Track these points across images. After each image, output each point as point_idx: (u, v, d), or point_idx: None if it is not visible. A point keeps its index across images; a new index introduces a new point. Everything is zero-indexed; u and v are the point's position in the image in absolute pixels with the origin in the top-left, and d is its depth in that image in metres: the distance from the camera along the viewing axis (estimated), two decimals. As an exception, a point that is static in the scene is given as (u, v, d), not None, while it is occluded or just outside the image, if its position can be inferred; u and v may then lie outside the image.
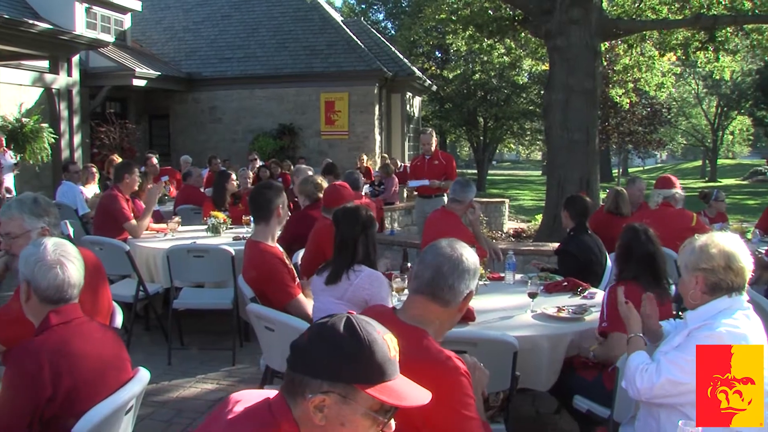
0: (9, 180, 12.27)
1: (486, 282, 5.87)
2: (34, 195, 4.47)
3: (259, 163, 17.04)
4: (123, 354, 3.33)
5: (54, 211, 4.37)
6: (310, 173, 8.99)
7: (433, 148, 11.01)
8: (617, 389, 3.86)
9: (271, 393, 2.14)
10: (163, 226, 8.85)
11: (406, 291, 5.01)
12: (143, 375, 3.33)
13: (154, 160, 14.04)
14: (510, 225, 19.74)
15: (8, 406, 2.93)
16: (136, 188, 8.62)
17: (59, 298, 3.13)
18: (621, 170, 61.52)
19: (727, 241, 3.38)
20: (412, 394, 2.06)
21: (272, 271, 5.37)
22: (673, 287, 4.74)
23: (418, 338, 2.92)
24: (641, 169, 67.41)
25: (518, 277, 6.16)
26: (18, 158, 13.20)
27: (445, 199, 10.37)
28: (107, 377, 3.13)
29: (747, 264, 3.36)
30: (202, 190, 11.57)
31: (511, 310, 5.14)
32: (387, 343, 2.05)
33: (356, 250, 4.87)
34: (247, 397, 2.16)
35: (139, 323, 8.18)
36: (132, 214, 8.27)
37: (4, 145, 12.76)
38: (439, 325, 3.04)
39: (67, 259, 3.18)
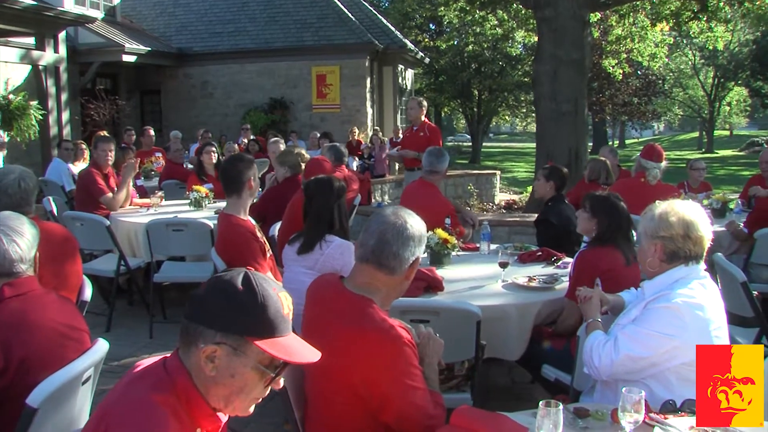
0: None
1: (459, 252, 5.88)
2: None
3: (251, 135, 17.03)
4: (81, 326, 3.33)
5: (16, 189, 4.37)
6: (282, 146, 9.03)
7: (420, 118, 10.89)
8: (577, 358, 3.87)
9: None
10: (147, 201, 8.87)
11: None
12: (101, 346, 3.32)
13: (151, 132, 14.04)
14: (502, 197, 19.79)
15: None
16: (110, 163, 8.58)
17: (12, 270, 3.13)
18: (618, 142, 61.57)
19: (687, 210, 3.36)
20: (302, 351, 2.09)
21: (242, 244, 5.38)
22: None
23: (363, 307, 2.93)
24: (637, 140, 67.33)
25: (493, 247, 6.17)
26: (7, 138, 13.12)
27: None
28: (64, 349, 3.13)
29: (706, 233, 3.34)
30: (186, 165, 11.58)
31: (482, 280, 5.16)
32: (281, 300, 2.08)
33: (331, 220, 4.92)
34: (148, 361, 2.20)
35: (122, 298, 8.21)
36: (107, 188, 8.27)
37: None
38: (385, 293, 3.04)
39: (16, 233, 3.18)
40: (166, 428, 1.95)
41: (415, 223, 3.04)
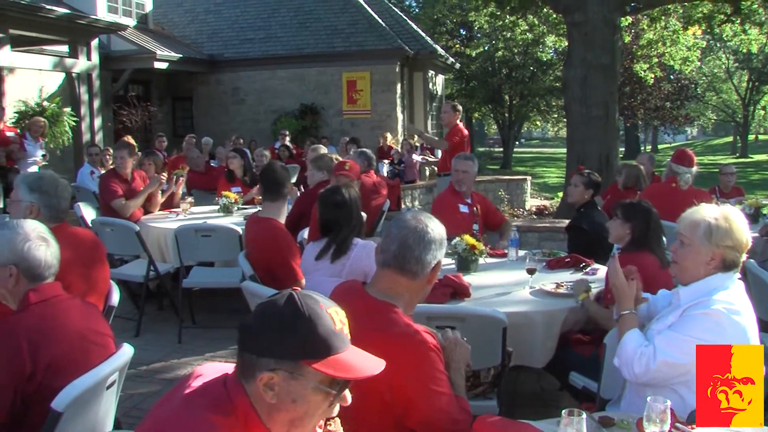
0: (33, 170, 12.33)
1: (486, 258, 5.84)
2: (46, 173, 4.58)
3: (287, 140, 17.08)
4: (106, 330, 3.35)
5: (57, 194, 4.39)
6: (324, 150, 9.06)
7: (453, 122, 10.80)
8: (604, 366, 3.83)
9: (232, 367, 2.13)
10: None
11: None
12: (125, 351, 3.34)
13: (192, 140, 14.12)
14: (533, 202, 19.72)
15: None
16: (128, 169, 8.61)
17: (46, 275, 3.16)
18: (651, 147, 61.12)
19: (741, 217, 3.35)
20: (362, 365, 2.04)
21: (285, 247, 5.40)
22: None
23: (387, 312, 2.92)
24: (670, 145, 66.79)
25: (521, 253, 6.12)
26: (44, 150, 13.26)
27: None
28: (88, 354, 3.15)
29: (749, 241, 3.34)
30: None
31: (509, 286, 5.12)
32: (331, 316, 2.03)
33: (340, 229, 4.91)
34: (208, 371, 2.15)
35: (152, 303, 8.26)
36: (119, 193, 8.32)
37: (37, 133, 12.82)
38: (408, 298, 3.04)
39: (48, 237, 3.22)
40: None
41: (435, 227, 3.04)
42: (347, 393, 2.06)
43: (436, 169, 18.35)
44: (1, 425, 2.96)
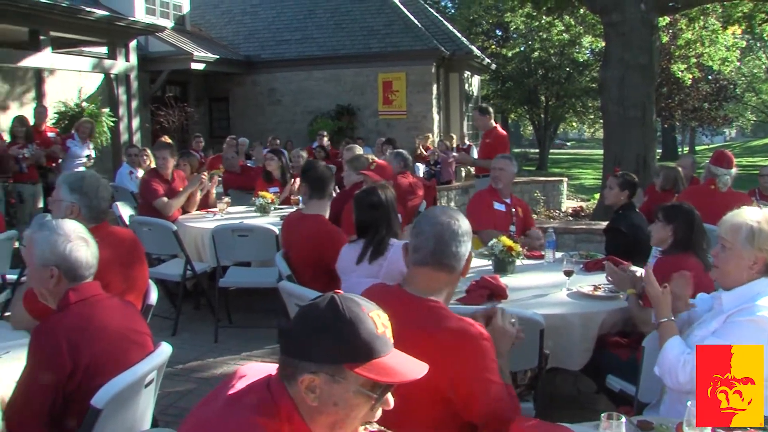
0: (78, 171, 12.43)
1: (523, 260, 5.81)
2: (88, 174, 4.62)
3: (326, 141, 17.12)
4: (144, 329, 3.38)
5: (97, 195, 4.42)
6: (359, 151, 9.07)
7: (487, 125, 10.75)
8: (642, 369, 3.80)
9: (275, 368, 2.13)
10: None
11: None
12: (164, 349, 3.38)
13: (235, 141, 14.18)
14: (569, 204, 19.60)
15: (32, 382, 3.01)
16: (169, 169, 8.67)
17: (87, 275, 3.20)
18: (688, 149, 60.54)
19: None
20: (405, 369, 2.02)
21: (339, 244, 5.38)
22: None
23: (435, 309, 2.93)
24: (708, 147, 66.10)
25: (558, 255, 6.08)
26: (94, 153, 13.40)
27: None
28: (127, 352, 3.19)
29: None
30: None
31: (546, 288, 5.10)
32: (373, 319, 2.01)
33: (377, 230, 4.91)
34: (252, 372, 2.15)
35: (189, 302, 8.31)
36: (161, 193, 8.38)
37: (85, 134, 12.95)
38: (447, 293, 3.06)
39: (88, 237, 3.25)
40: None
41: (462, 219, 3.08)
42: (390, 397, 2.05)
43: (472, 170, 18.34)
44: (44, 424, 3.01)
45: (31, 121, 12.87)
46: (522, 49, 37.26)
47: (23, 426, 3.04)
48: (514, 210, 7.08)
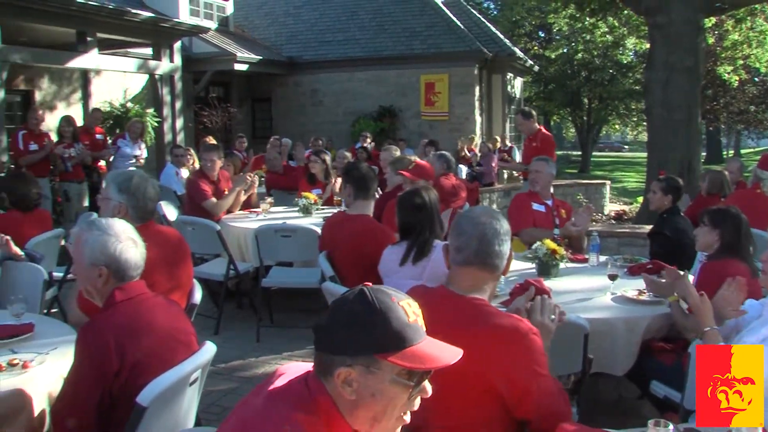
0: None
1: (567, 263, 5.77)
2: (137, 174, 4.67)
3: (369, 142, 17.14)
4: (188, 328, 3.41)
5: (144, 195, 4.46)
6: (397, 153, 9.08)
7: (531, 128, 10.69)
8: (688, 376, 3.75)
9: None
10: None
11: None
12: (209, 348, 3.40)
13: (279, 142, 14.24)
14: (612, 207, 19.45)
15: (79, 381, 3.05)
16: (215, 170, 8.72)
17: (134, 275, 3.23)
18: (734, 152, 59.75)
19: None
20: (438, 354, 2.02)
21: (386, 240, 5.38)
22: None
23: (482, 307, 2.96)
24: (754, 150, 65.17)
25: (602, 259, 6.03)
26: (146, 153, 13.55)
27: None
28: (173, 351, 3.22)
29: None
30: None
31: (590, 292, 5.05)
32: (404, 308, 2.02)
33: (421, 231, 4.90)
34: (291, 371, 2.17)
35: (231, 301, 8.36)
36: (210, 194, 8.42)
37: (136, 134, 13.10)
38: (490, 291, 3.09)
39: (136, 237, 3.28)
40: None
41: (501, 218, 3.12)
42: (427, 384, 2.05)
43: (515, 173, 18.29)
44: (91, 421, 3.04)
45: (79, 122, 13.03)
46: (565, 50, 37.05)
47: (67, 420, 3.07)
48: (555, 212, 7.02)
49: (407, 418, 2.08)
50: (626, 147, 72.61)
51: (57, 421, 3.12)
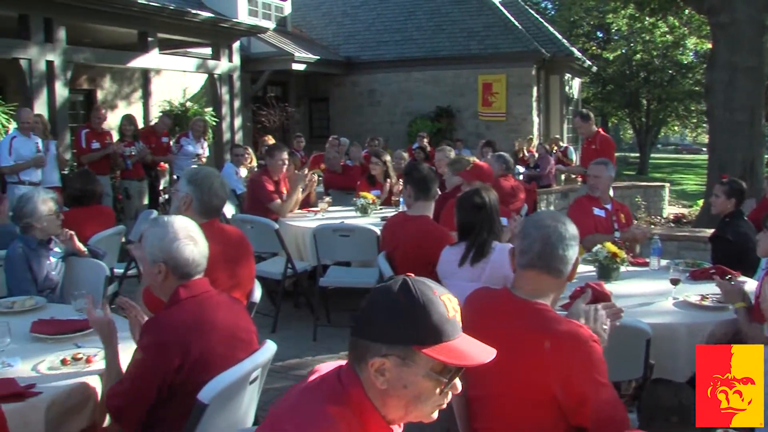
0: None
1: (628, 267, 5.70)
2: (207, 169, 4.78)
3: (426, 142, 17.12)
4: (249, 326, 3.43)
5: (210, 189, 4.49)
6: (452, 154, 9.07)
7: (590, 130, 10.61)
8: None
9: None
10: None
11: None
12: (269, 347, 3.43)
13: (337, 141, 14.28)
14: (671, 210, 19.20)
15: (139, 372, 3.09)
16: (282, 171, 8.77)
17: (194, 272, 3.25)
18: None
19: None
20: (474, 352, 2.01)
21: (444, 246, 5.38)
22: None
23: (543, 312, 2.93)
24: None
25: (663, 263, 5.95)
26: (208, 152, 13.70)
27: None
28: (234, 349, 3.24)
29: None
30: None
31: (652, 297, 4.98)
32: (445, 303, 2.01)
33: (480, 232, 4.87)
34: (325, 368, 2.19)
35: (288, 300, 8.40)
36: (275, 195, 8.47)
37: (199, 132, 13.25)
38: (554, 297, 3.05)
39: (196, 235, 3.30)
40: None
41: (569, 223, 3.08)
42: (458, 381, 2.04)
43: (573, 176, 18.12)
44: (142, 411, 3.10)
45: (139, 120, 13.20)
46: (623, 51, 36.68)
47: (121, 409, 3.15)
48: (615, 216, 6.94)
49: (442, 406, 2.07)
50: (704, 149, 71.47)
51: (110, 402, 3.19)
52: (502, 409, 3.00)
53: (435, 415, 2.07)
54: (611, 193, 7.22)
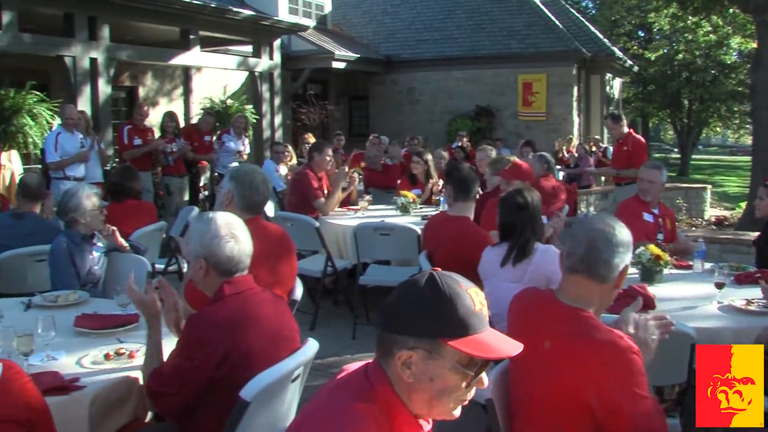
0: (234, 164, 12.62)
1: (671, 269, 5.63)
2: (249, 166, 4.83)
3: (466, 141, 17.09)
4: (292, 324, 3.44)
5: (251, 185, 4.52)
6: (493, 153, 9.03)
7: (621, 132, 10.58)
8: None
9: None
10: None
11: None
12: (311, 345, 3.43)
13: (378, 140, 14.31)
14: (712, 212, 19.01)
15: (180, 367, 3.11)
16: (328, 167, 8.81)
17: (234, 269, 3.26)
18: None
19: None
20: (500, 346, 2.01)
21: (483, 248, 5.35)
22: None
23: (585, 319, 2.89)
24: None
25: (708, 266, 5.87)
26: (249, 148, 13.77)
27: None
28: (277, 346, 3.25)
29: None
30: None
31: (695, 300, 4.89)
32: (471, 296, 2.01)
33: (522, 232, 4.84)
34: (354, 366, 2.21)
35: (328, 298, 8.42)
36: (321, 193, 8.49)
37: (240, 129, 13.32)
38: (598, 304, 3.00)
39: (239, 232, 3.31)
40: None
41: (622, 230, 3.00)
42: (484, 376, 2.05)
43: (603, 179, 17.94)
44: (184, 402, 3.13)
45: (180, 117, 13.29)
46: (665, 50, 36.34)
47: (159, 396, 3.19)
48: (661, 220, 6.85)
49: (465, 402, 2.08)
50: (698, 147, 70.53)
51: (150, 387, 3.22)
52: (539, 414, 2.99)
53: (457, 412, 2.08)
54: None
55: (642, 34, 40.70)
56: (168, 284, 3.50)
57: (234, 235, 3.28)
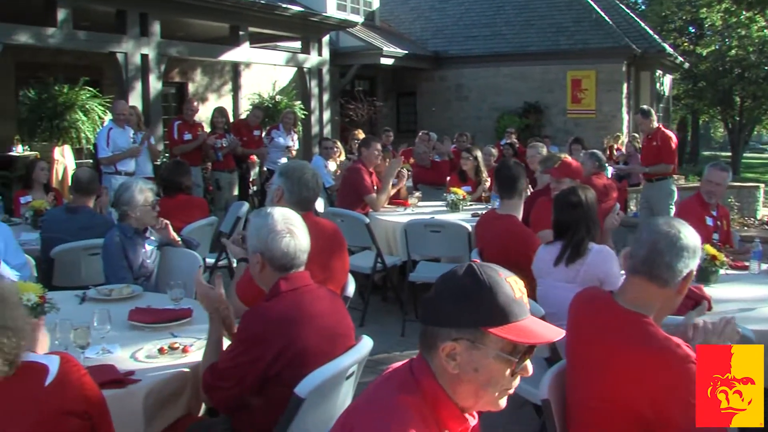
0: (283, 160, 12.69)
1: (727, 270, 5.55)
2: (299, 162, 4.87)
3: (514, 138, 17.01)
4: (348, 322, 3.45)
5: (300, 181, 4.54)
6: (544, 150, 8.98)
7: (650, 127, 10.56)
8: None
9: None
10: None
11: None
12: (366, 343, 3.44)
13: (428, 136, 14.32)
14: (765, 212, 18.71)
15: (234, 360, 3.12)
16: (378, 162, 8.81)
17: (290, 265, 3.26)
18: None
19: None
20: (542, 332, 2.03)
21: (532, 245, 5.33)
22: None
23: (642, 324, 2.83)
24: None
25: (764, 267, 5.77)
26: (297, 145, 13.82)
27: (673, 187, 10.39)
28: (332, 343, 3.25)
29: None
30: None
31: (752, 302, 4.84)
32: (511, 284, 2.03)
33: (576, 231, 4.79)
34: (398, 364, 2.22)
35: (377, 294, 8.42)
36: (373, 188, 8.49)
37: (290, 124, 13.39)
38: (659, 308, 2.93)
39: (296, 227, 3.31)
40: (411, 430, 1.95)
41: (689, 234, 2.92)
42: (529, 364, 2.06)
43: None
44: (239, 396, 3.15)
45: (230, 112, 13.37)
46: (717, 46, 35.82)
47: (214, 389, 3.20)
48: (719, 222, 6.74)
49: (510, 392, 2.09)
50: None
51: (205, 379, 3.24)
52: (590, 418, 2.96)
53: (503, 402, 2.09)
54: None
55: (693, 30, 40.16)
56: (220, 278, 3.50)
57: (291, 230, 3.29)
